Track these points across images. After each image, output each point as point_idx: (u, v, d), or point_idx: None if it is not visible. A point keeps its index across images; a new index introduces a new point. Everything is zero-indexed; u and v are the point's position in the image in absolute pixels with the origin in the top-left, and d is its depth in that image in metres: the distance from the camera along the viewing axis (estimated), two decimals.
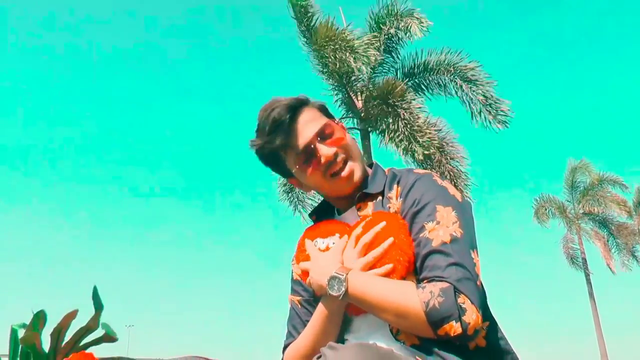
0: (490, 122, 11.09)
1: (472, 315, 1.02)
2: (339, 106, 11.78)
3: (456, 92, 11.41)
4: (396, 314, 1.07)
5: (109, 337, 1.32)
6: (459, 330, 1.02)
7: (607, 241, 20.59)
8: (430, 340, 1.06)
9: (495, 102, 11.02)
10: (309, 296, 1.31)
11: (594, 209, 20.29)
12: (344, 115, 11.76)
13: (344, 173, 1.27)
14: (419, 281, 1.11)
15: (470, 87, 11.14)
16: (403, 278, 1.12)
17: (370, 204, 1.27)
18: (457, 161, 11.22)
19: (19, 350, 1.11)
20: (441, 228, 1.12)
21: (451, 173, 10.90)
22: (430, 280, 1.08)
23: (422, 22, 10.83)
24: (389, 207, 1.22)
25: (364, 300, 1.10)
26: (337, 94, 11.67)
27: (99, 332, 1.39)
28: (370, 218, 1.21)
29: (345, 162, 1.28)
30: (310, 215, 1.42)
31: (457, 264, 1.07)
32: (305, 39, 11.26)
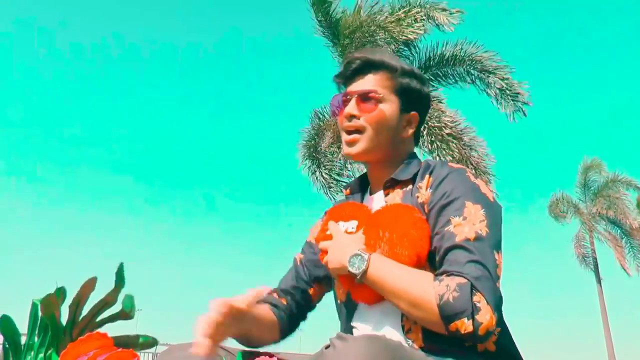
0: (510, 111, 10.98)
1: (485, 316, 0.99)
2: None
3: (473, 82, 11.29)
4: (410, 302, 1.05)
5: (125, 314, 1.33)
6: (470, 328, 0.99)
7: (622, 241, 20.39)
8: (439, 341, 1.05)
9: (513, 87, 10.88)
10: (313, 257, 1.36)
11: (607, 211, 20.09)
12: None
13: (348, 138, 1.29)
14: (436, 274, 1.09)
15: (488, 76, 11.01)
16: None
17: (399, 191, 1.25)
18: (477, 151, 11.10)
19: (38, 324, 1.13)
20: (467, 224, 1.09)
21: (470, 161, 10.79)
22: (449, 274, 1.05)
23: (452, 13, 10.73)
24: (417, 197, 1.20)
25: (381, 284, 1.09)
26: None
27: (115, 308, 1.40)
28: (384, 209, 1.21)
29: (357, 131, 1.28)
30: (345, 187, 1.43)
31: (477, 261, 1.04)
32: (328, 37, 11.17)
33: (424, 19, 10.93)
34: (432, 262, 1.13)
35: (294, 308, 1.37)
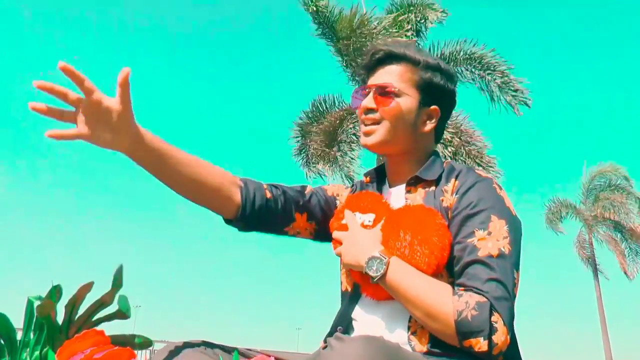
0: (511, 106, 11.02)
1: (501, 337, 1.01)
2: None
3: (473, 80, 11.33)
4: (426, 313, 1.05)
5: (122, 314, 1.33)
6: (485, 348, 1.00)
7: (622, 245, 20.40)
8: (445, 348, 1.05)
9: (513, 84, 10.92)
10: (321, 201, 1.36)
11: (608, 214, 20.10)
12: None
13: (365, 129, 1.30)
14: (452, 285, 1.10)
15: (488, 73, 11.05)
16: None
17: (421, 190, 1.25)
18: (476, 144, 11.10)
19: (34, 322, 1.12)
20: (491, 240, 1.09)
21: (471, 155, 10.78)
22: (468, 289, 1.06)
23: (441, 12, 10.85)
24: (442, 200, 1.19)
25: (398, 290, 1.09)
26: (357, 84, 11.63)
27: (112, 308, 1.39)
28: (407, 208, 1.20)
29: (374, 122, 1.29)
30: (365, 174, 1.42)
31: (498, 280, 1.05)
32: (324, 34, 11.16)
33: (419, 21, 11.03)
34: (450, 270, 1.13)
35: (271, 204, 1.29)
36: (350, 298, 1.25)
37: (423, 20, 11.08)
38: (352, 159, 11.47)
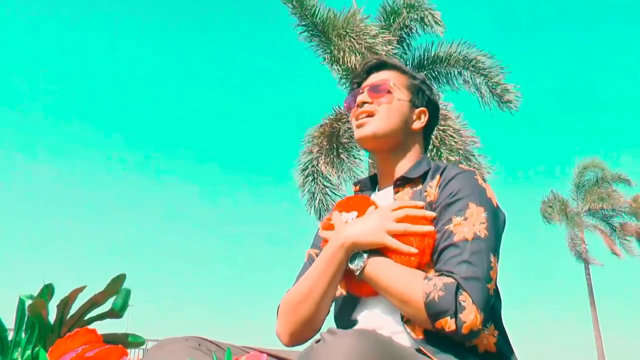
0: (500, 108, 11.11)
1: (469, 315, 1.02)
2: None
3: (466, 82, 11.36)
4: (400, 299, 1.09)
5: (114, 313, 1.32)
6: (453, 327, 1.02)
7: (610, 235, 20.63)
8: (437, 335, 1.07)
9: (505, 91, 11.01)
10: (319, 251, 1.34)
11: (599, 207, 20.28)
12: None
13: (359, 121, 1.35)
14: (432, 272, 1.12)
15: (482, 77, 11.11)
16: (417, 267, 1.14)
17: (409, 190, 1.28)
18: (468, 145, 11.16)
19: (25, 321, 1.11)
20: (467, 225, 1.12)
21: (460, 152, 10.84)
22: (440, 273, 1.08)
23: (439, 23, 10.82)
24: (426, 196, 1.23)
25: (376, 282, 1.13)
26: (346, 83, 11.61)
27: (104, 307, 1.39)
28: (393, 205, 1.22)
29: (368, 115, 1.34)
30: (354, 184, 1.47)
31: (470, 262, 1.07)
32: (310, 32, 11.11)
33: (413, 23, 11.03)
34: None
35: None
36: (345, 299, 1.28)
37: (420, 24, 11.04)
38: (359, 159, 11.43)
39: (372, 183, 1.43)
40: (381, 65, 1.41)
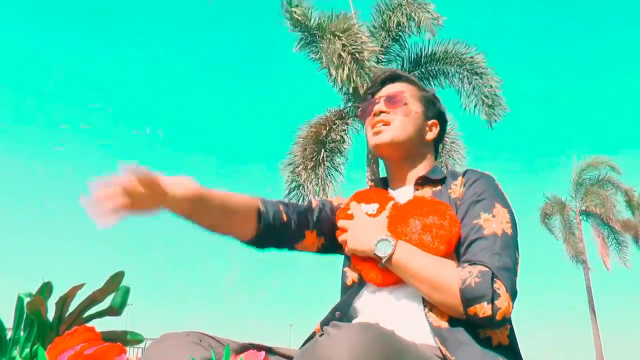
0: (486, 116, 11.11)
1: (504, 302, 1.06)
2: (339, 91, 11.69)
3: (460, 83, 11.33)
4: (432, 285, 1.11)
5: (113, 311, 1.32)
6: (489, 312, 1.05)
7: (607, 238, 20.57)
8: (462, 323, 1.09)
9: (495, 99, 11.01)
10: (329, 212, 1.39)
11: (596, 207, 20.23)
12: (346, 102, 11.67)
13: (375, 129, 1.39)
14: (460, 262, 1.15)
15: (476, 80, 11.09)
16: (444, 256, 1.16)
17: (429, 190, 1.32)
18: (455, 159, 11.20)
19: (24, 319, 1.11)
20: (495, 221, 1.18)
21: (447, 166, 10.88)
22: (472, 263, 1.12)
23: (436, 19, 10.76)
24: (450, 193, 1.27)
25: (405, 269, 1.15)
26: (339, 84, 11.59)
27: (102, 305, 1.39)
28: (417, 199, 1.27)
29: (385, 124, 1.38)
30: (371, 180, 1.54)
31: (501, 254, 1.12)
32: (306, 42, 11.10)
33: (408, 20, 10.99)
34: (459, 254, 1.19)
35: (285, 220, 1.32)
36: (356, 288, 1.28)
37: (414, 22, 10.99)
38: (336, 166, 11.43)
39: (384, 183, 1.47)
40: (395, 78, 1.47)
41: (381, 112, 1.39)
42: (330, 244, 1.39)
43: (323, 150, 11.16)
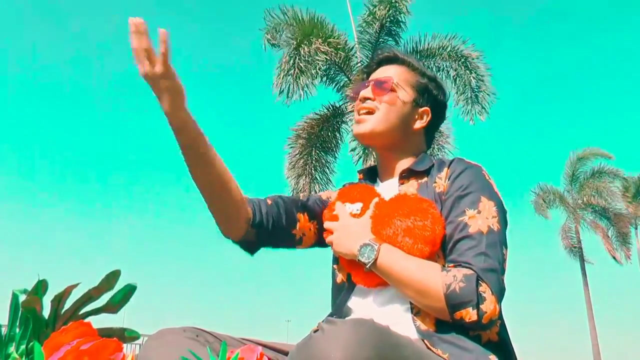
0: (475, 113, 11.17)
1: (490, 305, 1.05)
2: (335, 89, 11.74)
3: (453, 77, 11.36)
4: (417, 290, 1.10)
5: (110, 308, 1.32)
6: (475, 317, 1.04)
7: (608, 232, 20.59)
8: (449, 326, 1.08)
9: (484, 94, 11.10)
10: (317, 206, 1.38)
11: (593, 199, 20.25)
12: (342, 98, 11.68)
13: (358, 117, 1.35)
14: (446, 263, 1.14)
15: (469, 75, 11.13)
16: (429, 256, 1.15)
17: (414, 182, 1.29)
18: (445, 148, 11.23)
19: (19, 315, 1.11)
20: (481, 218, 1.14)
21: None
22: (457, 264, 1.10)
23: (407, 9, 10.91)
24: (435, 187, 1.23)
25: (389, 273, 1.13)
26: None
27: (98, 303, 1.39)
28: (400, 197, 1.23)
29: (369, 112, 1.34)
30: (359, 171, 1.47)
31: (486, 254, 1.10)
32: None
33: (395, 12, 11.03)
34: (445, 251, 1.17)
35: (272, 214, 1.29)
36: (347, 289, 1.27)
37: (399, 13, 11.06)
38: (326, 164, 11.50)
39: (374, 174, 1.44)
40: (392, 60, 1.41)
41: (367, 98, 1.35)
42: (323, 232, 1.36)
43: (314, 148, 11.26)
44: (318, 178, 11.40)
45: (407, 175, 1.31)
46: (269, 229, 1.28)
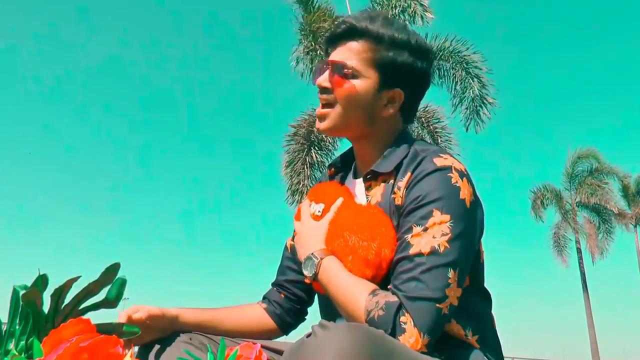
0: (473, 121, 11.12)
1: (410, 339, 0.96)
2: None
3: (454, 82, 11.32)
4: (345, 312, 1.08)
5: (109, 303, 1.32)
6: None
7: (598, 228, 20.57)
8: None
9: (484, 102, 11.03)
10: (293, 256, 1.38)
11: (590, 198, 20.22)
12: None
13: (318, 111, 1.24)
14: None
15: (470, 80, 11.07)
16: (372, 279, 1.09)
17: (381, 185, 1.19)
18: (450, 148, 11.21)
19: (19, 311, 1.11)
20: (426, 236, 1.03)
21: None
22: (388, 289, 1.04)
23: (426, 11, 10.77)
24: (394, 199, 1.13)
25: (327, 290, 1.12)
26: None
27: (98, 297, 1.39)
28: (356, 209, 1.17)
29: (328, 104, 1.22)
30: (329, 166, 1.37)
31: (420, 280, 1.00)
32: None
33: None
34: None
35: (292, 302, 1.37)
36: (315, 291, 1.31)
37: (410, 15, 10.99)
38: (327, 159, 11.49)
39: (348, 161, 1.34)
40: (351, 33, 1.19)
41: (324, 88, 1.21)
42: None
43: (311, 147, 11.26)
44: (315, 177, 11.40)
45: (373, 177, 1.20)
46: (296, 315, 1.39)
